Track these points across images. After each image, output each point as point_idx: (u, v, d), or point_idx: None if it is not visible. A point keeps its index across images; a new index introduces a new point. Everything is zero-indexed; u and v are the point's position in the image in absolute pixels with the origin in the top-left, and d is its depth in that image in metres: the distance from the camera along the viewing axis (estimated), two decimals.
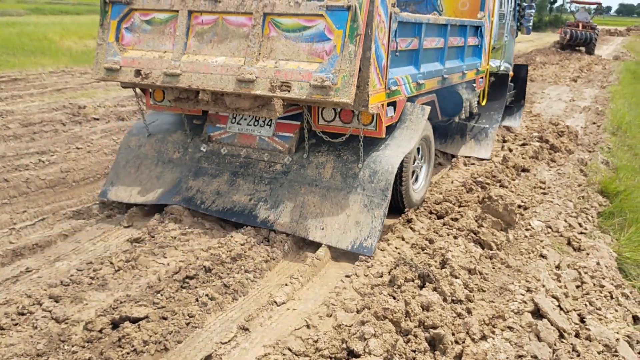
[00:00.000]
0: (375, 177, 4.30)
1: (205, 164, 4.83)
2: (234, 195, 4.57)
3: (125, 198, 4.84)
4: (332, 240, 4.16)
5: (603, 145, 7.73)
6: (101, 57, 4.53)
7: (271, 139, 4.71)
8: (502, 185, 5.58)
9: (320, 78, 3.76)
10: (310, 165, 4.52)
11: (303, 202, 4.36)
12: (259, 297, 3.48)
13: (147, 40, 4.47)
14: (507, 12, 7.44)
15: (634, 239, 4.60)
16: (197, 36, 4.29)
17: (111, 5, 4.53)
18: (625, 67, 18.78)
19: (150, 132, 5.14)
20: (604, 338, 3.09)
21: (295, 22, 3.96)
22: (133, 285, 3.58)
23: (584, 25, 26.28)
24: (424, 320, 3.03)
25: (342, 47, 3.76)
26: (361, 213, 4.21)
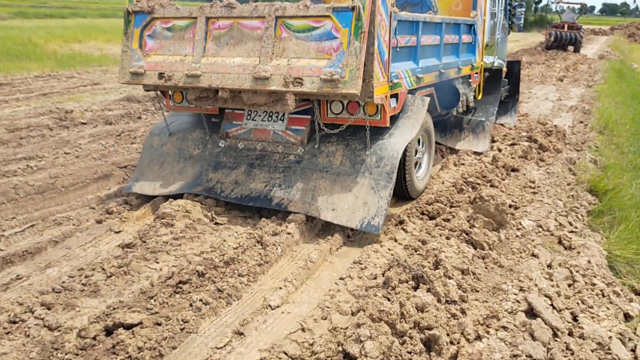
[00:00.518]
0: (381, 162, 4.66)
1: (223, 158, 5.19)
2: (250, 183, 4.91)
3: (150, 191, 5.16)
4: (343, 220, 4.48)
5: (591, 144, 7.80)
6: (126, 63, 4.88)
7: (284, 132, 5.06)
8: (492, 185, 5.61)
9: (330, 72, 4.10)
10: (322, 154, 4.88)
11: (315, 186, 4.71)
12: (254, 301, 3.46)
13: (168, 46, 4.82)
14: (498, 11, 7.82)
15: (623, 237, 4.64)
16: (215, 40, 4.63)
17: (134, 15, 4.88)
18: (610, 66, 18.95)
19: (171, 131, 5.50)
20: (597, 336, 3.11)
21: (304, 23, 4.32)
22: (126, 291, 3.55)
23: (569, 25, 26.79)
24: (419, 322, 3.03)
25: (348, 44, 4.12)
26: (368, 194, 4.55)
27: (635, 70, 19.25)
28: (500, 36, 8.07)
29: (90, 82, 11.98)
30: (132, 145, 6.88)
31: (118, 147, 6.81)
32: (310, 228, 4.54)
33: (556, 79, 15.52)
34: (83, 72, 13.40)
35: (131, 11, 4.88)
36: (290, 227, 4.36)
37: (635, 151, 7.58)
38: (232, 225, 4.58)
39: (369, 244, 4.33)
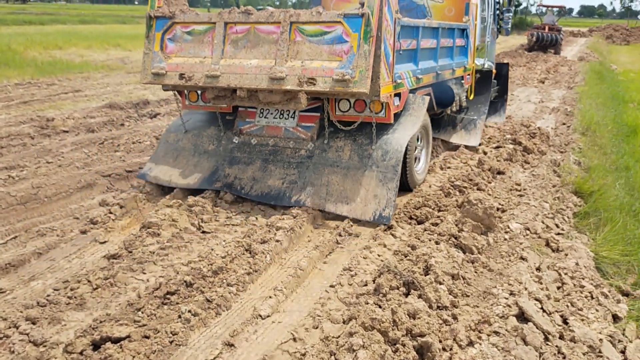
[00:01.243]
0: (387, 156, 5.06)
1: (238, 153, 5.54)
2: (268, 180, 5.25)
3: (165, 181, 5.49)
4: (357, 213, 4.88)
5: (574, 145, 7.87)
6: (148, 64, 5.21)
7: (295, 129, 5.44)
8: (479, 188, 5.63)
9: (341, 73, 4.47)
10: (331, 149, 5.26)
11: (328, 182, 5.08)
12: (243, 311, 3.42)
13: (188, 48, 5.15)
14: (488, 16, 8.34)
15: (609, 238, 4.67)
16: (233, 43, 4.97)
17: (155, 20, 5.22)
18: (590, 68, 19.20)
19: (186, 128, 5.86)
20: (588, 339, 3.12)
21: (317, 28, 4.70)
22: (112, 303, 3.49)
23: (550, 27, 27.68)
24: (412, 329, 3.01)
25: (358, 47, 4.49)
26: (377, 187, 4.94)
27: (614, 71, 19.53)
28: (489, 39, 8.56)
29: (72, 89, 11.83)
30: (115, 153, 6.80)
31: (101, 155, 6.72)
32: (298, 235, 4.50)
33: (537, 81, 15.68)
34: (64, 79, 13.24)
35: (153, 16, 5.21)
36: (279, 234, 4.33)
37: (617, 152, 7.67)
38: (220, 233, 4.53)
39: (359, 250, 4.30)
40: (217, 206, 5.05)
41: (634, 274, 4.26)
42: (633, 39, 44.97)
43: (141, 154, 6.80)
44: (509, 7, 9.45)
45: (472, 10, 7.28)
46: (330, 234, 4.66)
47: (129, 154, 6.83)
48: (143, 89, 12.47)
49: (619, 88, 14.36)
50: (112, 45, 22.53)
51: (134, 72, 15.62)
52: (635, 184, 6.27)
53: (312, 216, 4.85)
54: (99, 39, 24.16)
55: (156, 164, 5.67)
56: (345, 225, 4.77)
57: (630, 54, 30.12)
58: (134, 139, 7.48)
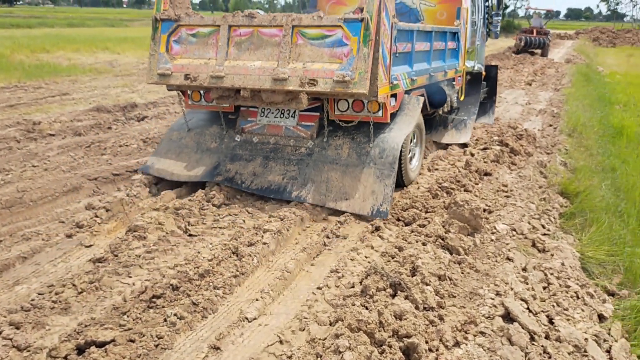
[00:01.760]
0: (384, 154, 5.29)
1: (239, 150, 5.74)
2: (268, 175, 5.46)
3: (168, 175, 5.69)
4: (356, 208, 5.08)
5: (560, 147, 7.92)
6: (154, 65, 5.38)
7: (295, 127, 5.66)
8: (466, 189, 5.65)
9: (342, 75, 4.67)
10: (330, 147, 5.49)
11: (327, 178, 5.29)
12: (230, 313, 3.40)
13: (193, 50, 5.33)
14: (478, 19, 8.60)
15: (595, 238, 4.70)
16: (236, 45, 5.17)
17: (161, 22, 5.40)
18: (577, 70, 19.36)
19: (189, 127, 6.08)
20: (573, 339, 3.14)
21: (318, 32, 4.89)
22: (97, 307, 3.46)
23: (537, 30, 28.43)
24: (398, 330, 3.02)
25: (358, 50, 4.69)
26: (375, 183, 5.15)
27: (601, 73, 19.70)
28: (479, 42, 8.89)
29: (59, 93, 11.75)
30: (102, 157, 6.75)
31: (88, 158, 6.67)
32: (285, 238, 4.50)
33: (525, 83, 15.78)
34: (51, 83, 13.15)
35: (159, 19, 5.39)
36: (266, 237, 4.32)
37: (603, 153, 7.73)
38: (207, 236, 4.51)
39: (346, 252, 4.30)
40: (205, 209, 5.03)
41: (619, 274, 4.29)
42: (619, 41, 45.47)
43: (128, 157, 6.77)
44: (497, 11, 9.76)
45: (463, 14, 7.52)
46: (318, 236, 4.66)
47: (116, 157, 6.79)
48: (131, 92, 12.42)
49: (605, 90, 14.48)
50: (100, 48, 22.43)
51: (122, 75, 15.55)
52: (621, 184, 6.32)
53: (300, 218, 4.84)
54: (86, 42, 24.04)
55: (159, 159, 5.88)
56: (332, 227, 4.78)
57: (616, 56, 30.40)
58: (121, 142, 7.44)
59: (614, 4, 73.76)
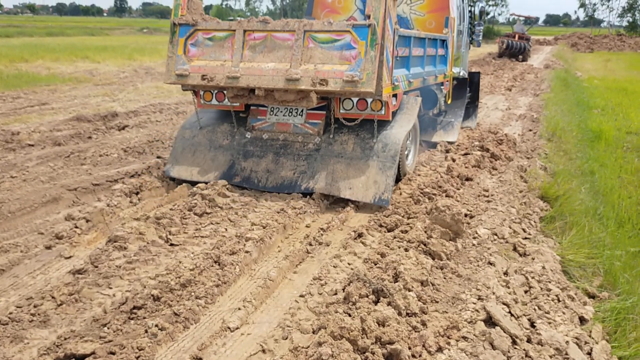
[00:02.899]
0: (386, 148, 5.73)
1: (251, 147, 6.12)
2: (281, 171, 5.86)
3: (188, 177, 6.04)
4: (359, 196, 5.51)
5: (540, 151, 8.01)
6: (172, 66, 5.77)
7: (303, 125, 6.05)
8: (447, 195, 5.68)
9: (351, 75, 5.12)
10: (336, 142, 5.91)
11: (333, 170, 5.72)
12: (212, 323, 3.37)
13: (209, 52, 5.72)
14: (463, 29, 9.35)
15: (575, 242, 4.75)
16: (251, 48, 5.58)
17: (179, 27, 5.79)
18: (555, 75, 19.62)
19: (201, 125, 6.40)
20: (555, 342, 3.16)
21: (328, 36, 5.34)
22: (77, 319, 3.41)
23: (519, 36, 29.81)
24: (381, 336, 3.01)
25: (365, 53, 5.15)
26: (377, 174, 5.58)
27: (579, 78, 19.98)
28: (464, 50, 9.65)
29: (38, 102, 11.62)
30: (82, 167, 6.68)
31: (67, 168, 6.60)
32: (268, 246, 4.48)
33: (505, 89, 15.96)
34: (30, 92, 13.00)
35: (177, 23, 5.79)
36: (249, 245, 4.30)
37: (582, 157, 7.83)
38: (189, 245, 4.47)
39: (329, 259, 4.30)
40: (186, 218, 5.00)
41: (599, 276, 4.34)
42: (597, 46, 46.27)
43: (108, 167, 6.70)
44: (480, 20, 10.50)
45: (451, 23, 8.10)
46: (301, 243, 4.65)
47: (96, 167, 6.73)
48: (111, 101, 12.32)
49: (583, 94, 14.69)
50: (80, 57, 22.25)
51: (102, 84, 15.44)
52: (599, 188, 6.40)
53: (282, 226, 4.83)
54: (66, 51, 23.83)
55: (177, 160, 6.21)
56: (315, 235, 4.77)
57: (594, 61, 30.88)
58: (101, 151, 7.37)
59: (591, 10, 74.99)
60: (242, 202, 5.48)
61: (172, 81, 5.77)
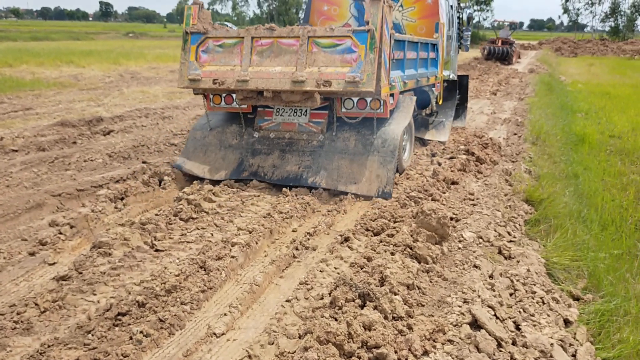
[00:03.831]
0: (386, 143, 6.16)
1: (258, 145, 6.53)
2: (286, 166, 6.25)
3: (200, 173, 6.43)
4: (364, 190, 5.92)
5: (525, 155, 8.08)
6: (184, 72, 6.16)
7: (307, 124, 6.48)
8: (433, 199, 5.70)
9: (352, 76, 5.55)
10: (339, 139, 6.32)
11: (338, 166, 6.10)
12: (197, 329, 3.35)
13: (219, 58, 6.12)
14: (452, 34, 9.91)
15: (559, 244, 4.79)
16: (258, 54, 5.98)
17: (190, 35, 6.20)
18: (540, 80, 19.81)
19: (211, 126, 6.83)
20: (540, 344, 3.18)
21: (330, 41, 5.76)
22: (61, 326, 3.37)
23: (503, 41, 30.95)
24: (367, 341, 3.01)
25: (365, 56, 5.57)
26: (379, 168, 6.00)
27: (563, 82, 20.20)
28: (453, 54, 10.23)
29: (22, 108, 11.51)
30: (66, 172, 6.62)
31: (51, 174, 6.54)
32: (254, 251, 4.47)
33: (490, 93, 16.08)
34: (14, 97, 12.88)
35: (189, 32, 6.19)
36: (235, 250, 4.29)
37: (566, 160, 7.91)
38: (174, 251, 4.45)
39: (315, 264, 4.29)
40: (172, 223, 4.97)
41: (583, 279, 4.38)
42: (580, 51, 46.81)
43: (93, 172, 6.65)
44: (467, 26, 11.15)
45: (441, 28, 8.59)
46: (287, 248, 4.64)
47: (81, 172, 6.67)
48: (96, 106, 12.24)
49: (567, 98, 14.84)
50: (64, 62, 22.09)
51: (87, 88, 15.33)
52: (583, 191, 6.46)
53: (269, 231, 4.82)
54: (51, 56, 23.64)
55: (189, 158, 6.59)
56: (302, 239, 4.77)
57: (578, 66, 31.23)
58: (85, 156, 7.31)
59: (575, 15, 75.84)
60: (229, 207, 5.46)
61: (185, 85, 6.14)
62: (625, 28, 68.68)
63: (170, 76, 20.02)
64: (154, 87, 16.54)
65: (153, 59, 26.61)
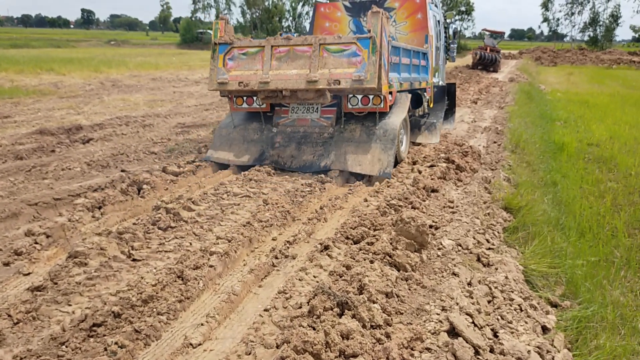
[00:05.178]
0: (386, 133, 7.29)
1: (277, 139, 7.64)
2: (302, 155, 7.37)
3: (225, 160, 7.60)
4: (367, 170, 7.04)
5: (504, 163, 8.14)
6: (214, 76, 7.33)
7: (318, 119, 7.66)
8: (413, 207, 5.72)
9: (358, 76, 6.65)
10: (346, 131, 7.46)
11: (345, 152, 7.24)
12: (173, 340, 3.31)
13: (244, 64, 7.26)
14: (440, 46, 11.12)
15: (537, 251, 4.82)
16: (277, 59, 7.08)
17: (219, 45, 7.35)
18: (519, 88, 20.03)
19: (235, 125, 7.97)
20: (517, 351, 3.19)
21: (338, 47, 6.87)
22: (35, 338, 3.31)
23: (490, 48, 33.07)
24: (344, 350, 3.00)
25: (368, 58, 6.68)
26: (381, 154, 7.13)
27: (542, 91, 20.44)
28: (441, 63, 11.44)
29: (0, 116, 11.35)
30: (43, 181, 6.53)
31: (28, 183, 6.45)
32: (233, 260, 4.43)
33: (471, 102, 16.22)
34: None
35: (217, 43, 7.35)
36: (213, 259, 4.25)
37: (545, 168, 7.99)
38: (152, 260, 4.40)
39: (295, 272, 4.27)
40: (150, 232, 4.92)
41: (561, 286, 4.41)
42: (560, 60, 47.49)
43: (71, 181, 6.57)
44: (454, 39, 12.57)
45: (430, 40, 9.87)
46: (267, 256, 4.62)
47: (58, 181, 6.58)
48: (76, 114, 12.12)
49: (546, 107, 15.02)
50: (44, 69, 21.88)
51: (67, 96, 15.18)
52: (562, 198, 6.53)
53: (248, 239, 4.79)
54: (31, 64, 23.40)
55: (216, 150, 7.72)
56: (281, 248, 4.74)
57: (557, 75, 31.66)
58: (63, 165, 7.23)
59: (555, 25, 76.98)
60: (208, 216, 5.42)
61: (214, 88, 7.26)
62: (604, 38, 69.97)
63: (151, 84, 19.91)
64: (135, 95, 16.43)
65: (135, 66, 26.45)
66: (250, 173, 7.00)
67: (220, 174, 7.29)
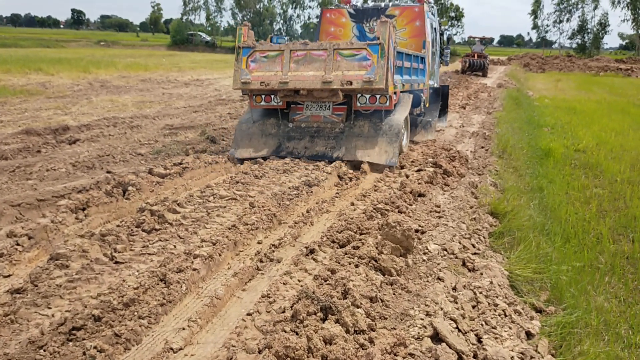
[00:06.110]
0: (392, 128, 8.12)
1: (293, 133, 8.47)
2: (315, 147, 8.21)
3: (247, 155, 8.27)
4: (375, 159, 7.86)
5: (491, 168, 8.17)
6: (237, 77, 8.09)
7: (330, 116, 8.41)
8: (400, 211, 5.71)
9: (368, 77, 7.52)
10: (355, 126, 8.27)
11: (355, 145, 8.07)
12: (154, 344, 3.26)
13: (265, 66, 8.02)
14: (436, 51, 12.10)
15: (522, 257, 4.83)
16: (295, 62, 7.89)
17: (242, 49, 8.11)
18: (507, 94, 20.13)
19: (254, 120, 8.70)
20: (500, 357, 3.17)
21: (350, 52, 7.69)
22: (12, 342, 3.25)
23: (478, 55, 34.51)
24: (327, 355, 2.97)
25: (377, 62, 7.52)
26: (387, 146, 7.97)
27: (530, 97, 20.57)
28: (436, 67, 12.41)
29: None
30: (27, 181, 6.45)
31: (12, 183, 6.37)
32: (217, 263, 4.39)
33: (459, 107, 16.27)
34: None
35: (241, 47, 8.12)
36: (197, 262, 4.21)
37: (532, 174, 8.02)
38: (134, 263, 4.34)
39: (279, 276, 4.24)
40: (134, 235, 4.86)
41: (546, 291, 4.41)
42: (548, 66, 47.86)
43: (55, 182, 6.49)
44: (448, 45, 13.56)
45: (427, 45, 10.77)
46: (251, 260, 4.58)
47: (42, 182, 6.51)
48: (63, 114, 12.01)
49: (534, 113, 15.12)
50: (33, 69, 21.69)
51: (55, 96, 15.05)
52: (548, 204, 6.55)
53: (233, 243, 4.75)
54: (19, 63, 23.20)
55: (238, 146, 8.41)
56: (267, 251, 4.71)
57: (545, 81, 31.89)
58: (48, 166, 7.14)
59: (543, 31, 77.61)
60: (193, 218, 5.38)
61: (238, 87, 8.09)
62: (592, 45, 70.62)
63: (141, 85, 19.80)
64: (123, 96, 16.32)
65: (124, 67, 26.31)
66: (237, 176, 6.96)
67: (207, 176, 7.24)
